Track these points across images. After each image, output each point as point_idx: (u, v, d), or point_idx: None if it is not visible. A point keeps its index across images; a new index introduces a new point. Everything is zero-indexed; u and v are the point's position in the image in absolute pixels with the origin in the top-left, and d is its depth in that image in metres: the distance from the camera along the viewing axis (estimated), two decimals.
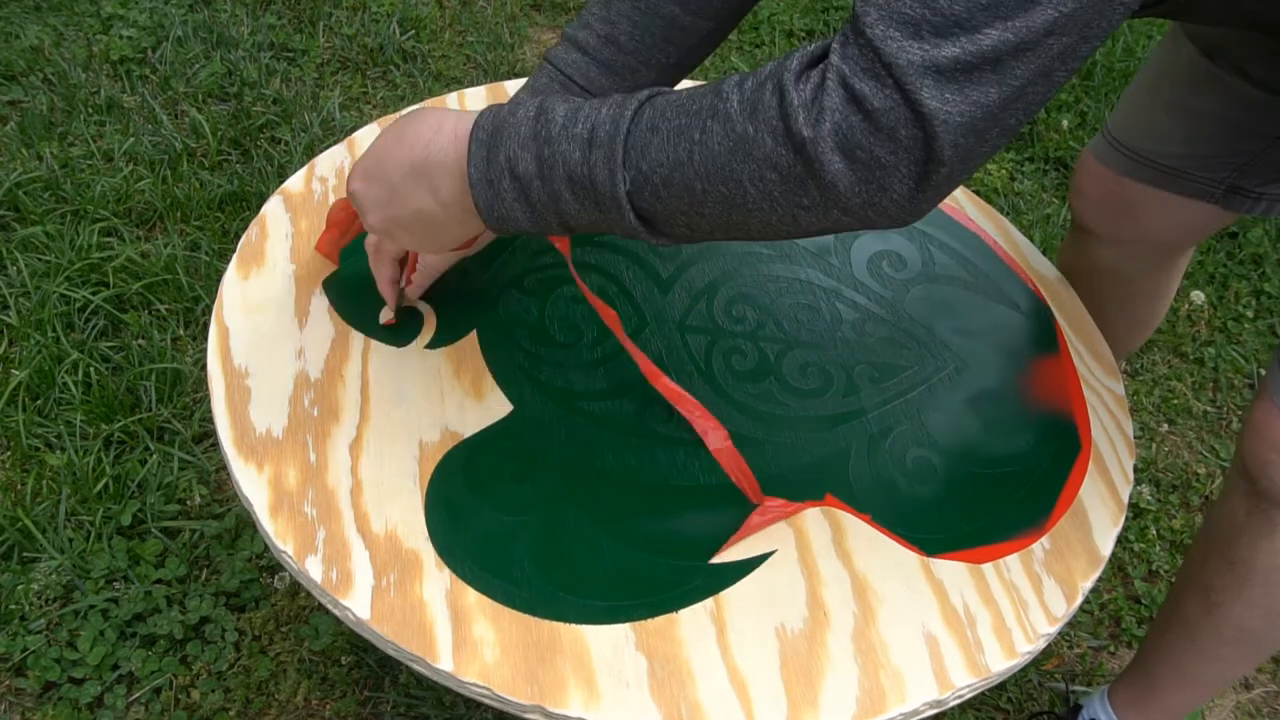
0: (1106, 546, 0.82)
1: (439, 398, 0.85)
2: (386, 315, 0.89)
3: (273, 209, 0.98)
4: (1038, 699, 1.27)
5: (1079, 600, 0.79)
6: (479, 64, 2.09)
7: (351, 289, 0.92)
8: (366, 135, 1.07)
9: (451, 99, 1.13)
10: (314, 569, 0.73)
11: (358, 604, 0.71)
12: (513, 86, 1.13)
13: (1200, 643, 1.01)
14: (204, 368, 1.41)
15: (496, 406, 0.85)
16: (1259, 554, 0.92)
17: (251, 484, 0.77)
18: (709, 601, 0.75)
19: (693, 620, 0.73)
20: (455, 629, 0.71)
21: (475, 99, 1.12)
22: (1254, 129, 0.98)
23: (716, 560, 0.77)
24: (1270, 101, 0.96)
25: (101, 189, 1.67)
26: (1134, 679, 1.12)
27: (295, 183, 1.01)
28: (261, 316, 0.89)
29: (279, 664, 1.20)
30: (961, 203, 1.11)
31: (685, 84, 1.02)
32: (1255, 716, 1.33)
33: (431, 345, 0.89)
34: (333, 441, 0.81)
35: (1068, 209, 1.94)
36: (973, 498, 0.84)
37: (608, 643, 0.72)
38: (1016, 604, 0.77)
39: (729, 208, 0.63)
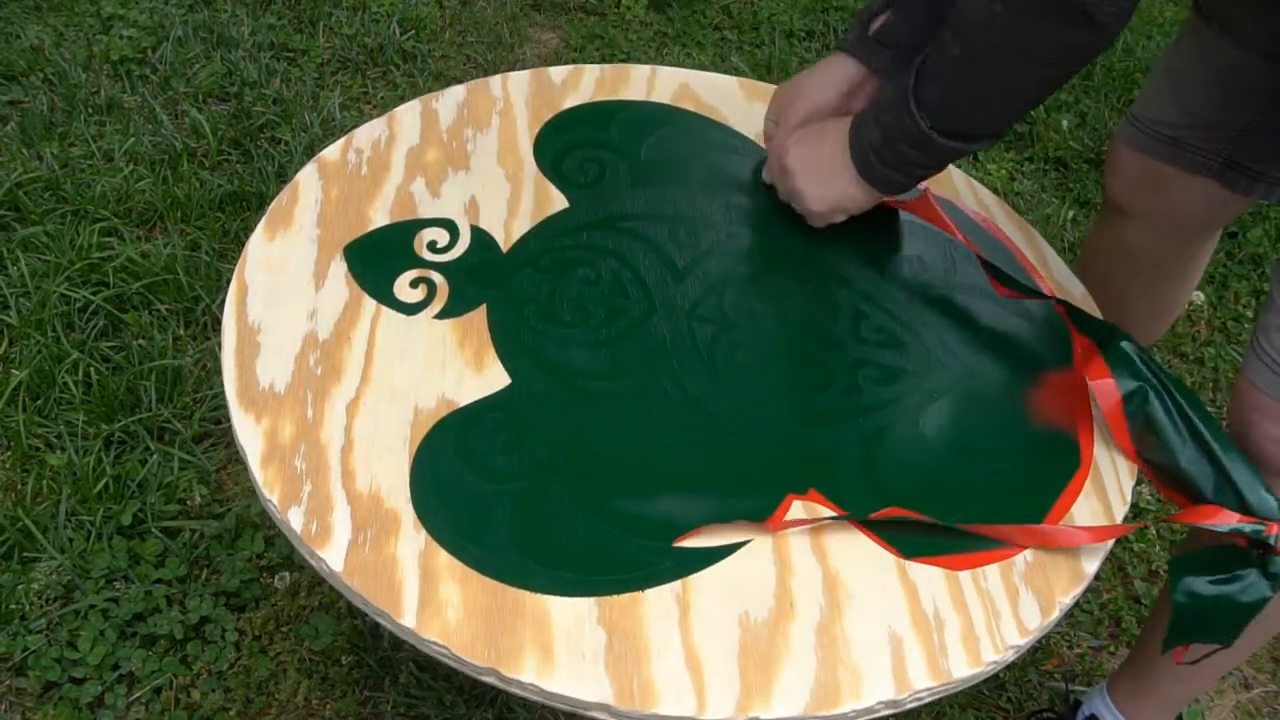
0: (1092, 565, 0.81)
1: (440, 367, 0.87)
2: None
3: (307, 175, 1.01)
4: (1037, 698, 1.26)
5: (1055, 615, 0.78)
6: (479, 64, 2.09)
7: (371, 256, 0.94)
8: (407, 111, 1.09)
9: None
10: (295, 520, 0.75)
11: (333, 556, 0.74)
12: (496, 83, 1.15)
13: None
14: (204, 368, 1.45)
15: (495, 379, 0.87)
16: None
17: (248, 434, 0.80)
18: (676, 584, 0.75)
19: (658, 600, 0.74)
20: (423, 588, 0.73)
21: (453, 96, 1.13)
22: (1244, 92, 1.00)
23: (682, 543, 0.78)
24: (1252, 63, 0.98)
25: (102, 189, 1.67)
26: (1132, 669, 1.11)
27: (332, 152, 1.04)
28: (281, 276, 0.92)
29: (279, 664, 1.21)
30: (993, 211, 1.09)
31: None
32: (1255, 716, 1.30)
33: (441, 315, 0.91)
34: (331, 400, 0.83)
35: (1067, 208, 1.95)
36: (959, 505, 0.83)
37: (570, 615, 0.73)
38: (989, 613, 0.77)
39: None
